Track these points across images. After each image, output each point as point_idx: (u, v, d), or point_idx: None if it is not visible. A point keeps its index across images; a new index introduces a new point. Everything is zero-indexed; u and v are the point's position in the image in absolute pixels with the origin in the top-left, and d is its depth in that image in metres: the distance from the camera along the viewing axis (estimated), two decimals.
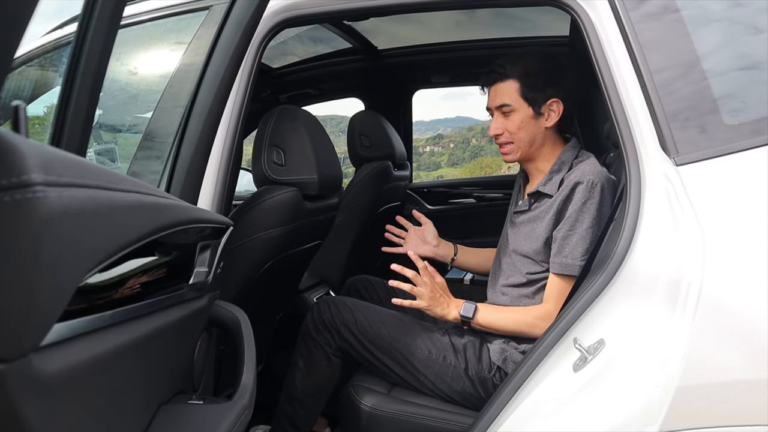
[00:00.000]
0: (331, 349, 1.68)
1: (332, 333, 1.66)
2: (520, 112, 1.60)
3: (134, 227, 0.60)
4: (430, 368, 1.59)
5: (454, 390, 1.58)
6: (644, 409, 1.02)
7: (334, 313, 1.66)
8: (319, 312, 1.68)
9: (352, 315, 1.65)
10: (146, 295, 0.76)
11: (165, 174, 1.19)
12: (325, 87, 3.22)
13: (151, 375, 0.82)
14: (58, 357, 0.49)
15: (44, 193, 0.38)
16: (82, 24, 0.73)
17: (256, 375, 1.09)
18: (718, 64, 1.20)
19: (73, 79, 0.73)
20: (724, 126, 1.14)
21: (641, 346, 1.07)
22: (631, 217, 1.18)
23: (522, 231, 1.64)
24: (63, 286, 0.44)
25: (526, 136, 1.61)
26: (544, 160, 1.65)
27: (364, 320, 1.65)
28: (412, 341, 1.61)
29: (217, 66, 1.16)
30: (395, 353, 1.61)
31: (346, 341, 1.65)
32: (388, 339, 1.62)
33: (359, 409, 1.58)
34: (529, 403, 1.20)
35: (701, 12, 1.24)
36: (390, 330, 1.63)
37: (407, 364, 1.60)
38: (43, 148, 0.41)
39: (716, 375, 0.99)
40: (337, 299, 1.72)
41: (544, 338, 1.23)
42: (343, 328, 1.65)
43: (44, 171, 0.38)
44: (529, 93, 1.59)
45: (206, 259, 1.02)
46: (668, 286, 1.06)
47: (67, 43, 1.75)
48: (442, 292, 1.59)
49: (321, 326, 1.67)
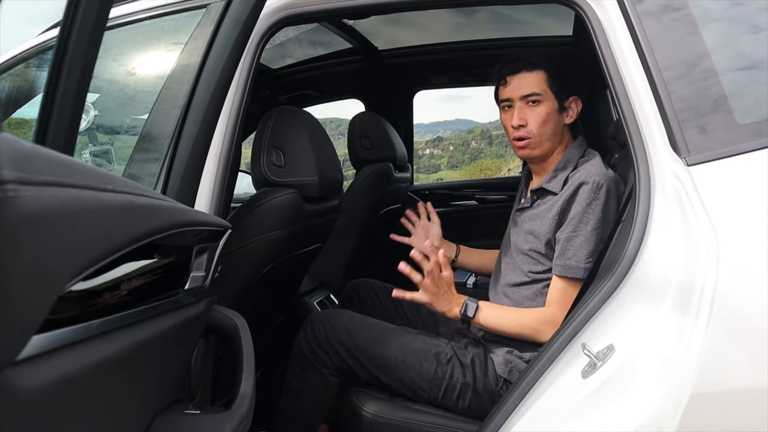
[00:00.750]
0: (328, 370, 1.60)
1: (328, 353, 1.59)
2: (546, 104, 1.58)
3: (125, 230, 0.57)
4: (437, 387, 1.54)
5: (462, 406, 1.54)
6: (656, 416, 0.98)
7: (329, 332, 1.58)
8: (313, 331, 1.60)
9: (349, 333, 1.58)
10: (139, 302, 0.73)
11: (162, 175, 1.16)
12: (325, 88, 3.20)
13: (145, 385, 0.79)
14: (39, 371, 0.45)
15: (16, 193, 0.34)
16: (66, 20, 0.69)
17: (255, 383, 1.06)
18: (729, 61, 1.17)
19: (57, 76, 0.70)
20: (736, 125, 1.11)
21: (652, 351, 1.03)
22: (640, 218, 1.15)
23: (523, 228, 1.61)
24: (42, 295, 0.41)
25: (548, 129, 1.58)
26: (554, 156, 1.63)
27: (361, 339, 1.57)
28: (416, 360, 1.54)
29: (214, 63, 1.13)
30: (399, 373, 1.55)
31: (343, 361, 1.58)
32: (390, 359, 1.55)
33: (361, 415, 1.56)
34: (536, 411, 1.16)
35: (711, 8, 1.22)
36: (391, 349, 1.55)
37: (412, 384, 1.55)
38: (19, 143, 0.37)
39: (732, 382, 0.96)
40: (331, 316, 1.63)
41: (552, 343, 1.20)
42: (340, 347, 1.57)
43: (18, 168, 0.35)
44: (556, 85, 1.58)
45: (203, 263, 0.98)
46: (680, 289, 1.03)
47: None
48: (447, 287, 1.53)
49: (315, 346, 1.59)
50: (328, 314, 1.64)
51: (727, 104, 1.12)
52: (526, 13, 2.55)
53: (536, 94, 1.57)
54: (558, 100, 1.58)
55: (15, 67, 1.86)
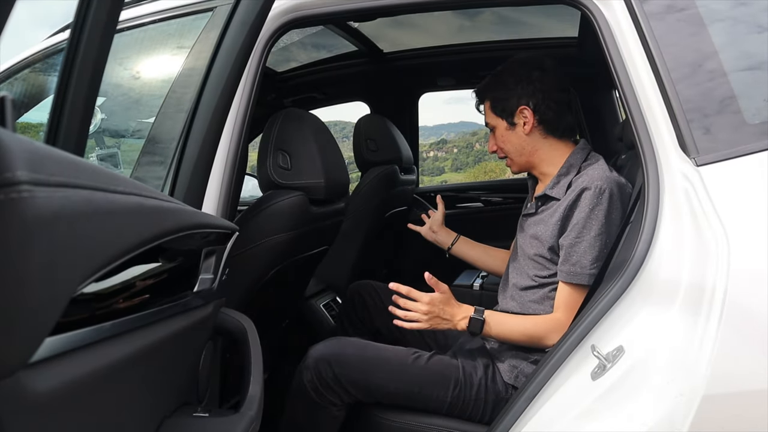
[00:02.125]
0: (336, 408, 1.56)
1: (338, 393, 1.54)
2: (499, 128, 1.67)
3: (135, 232, 0.56)
4: (453, 412, 1.53)
5: (476, 421, 1.53)
6: (668, 418, 0.98)
7: (339, 373, 1.52)
8: (320, 373, 1.52)
9: (363, 374, 1.53)
10: (149, 304, 0.72)
11: (168, 179, 1.16)
12: (330, 91, 3.20)
13: (154, 388, 0.78)
14: (52, 374, 0.45)
15: (31, 193, 0.34)
16: (77, 20, 0.69)
17: (263, 385, 1.05)
18: (737, 60, 1.16)
19: (68, 79, 0.69)
20: (745, 125, 1.10)
21: (663, 353, 1.03)
22: (649, 219, 1.14)
23: (529, 233, 1.61)
24: (55, 297, 0.41)
25: (511, 147, 1.66)
26: (546, 164, 1.63)
27: (377, 380, 1.53)
28: (431, 390, 1.52)
29: (222, 66, 1.13)
30: (416, 403, 1.54)
31: (356, 398, 1.55)
32: (408, 393, 1.53)
33: (370, 418, 1.55)
34: (545, 413, 1.16)
35: (720, 7, 1.21)
36: (408, 384, 1.53)
37: (428, 408, 1.55)
38: (32, 144, 0.37)
39: (744, 383, 0.95)
40: (337, 356, 1.54)
41: (560, 345, 1.19)
42: (353, 388, 1.53)
43: (32, 169, 0.35)
44: (498, 108, 1.65)
45: (211, 265, 0.98)
46: (690, 291, 1.02)
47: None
48: (443, 305, 1.50)
49: (323, 388, 1.53)
50: (331, 353, 1.56)
51: (736, 104, 1.11)
52: (529, 15, 2.55)
53: (488, 124, 1.70)
54: (505, 119, 1.64)
55: (21, 72, 1.86)
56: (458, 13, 2.52)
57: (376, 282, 2.02)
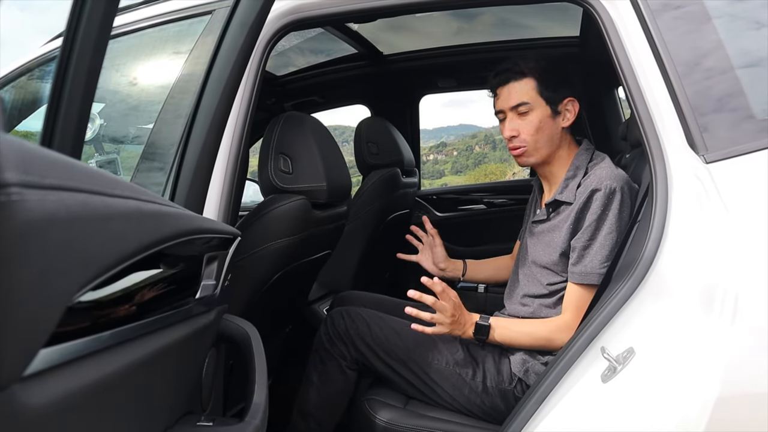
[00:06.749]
0: (346, 362, 1.65)
1: (347, 345, 1.63)
2: (538, 112, 1.54)
3: (134, 237, 0.54)
4: (448, 380, 1.54)
5: (473, 403, 1.52)
6: (682, 421, 0.95)
7: (349, 325, 1.63)
8: (333, 323, 1.66)
9: (368, 326, 1.62)
10: (150, 312, 0.70)
11: (169, 184, 1.14)
12: (330, 94, 3.18)
13: (156, 398, 0.76)
14: (47, 387, 0.43)
15: (21, 196, 0.32)
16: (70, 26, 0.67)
17: (268, 393, 1.03)
18: (745, 56, 1.14)
19: (62, 84, 0.67)
20: (755, 121, 1.08)
21: (675, 354, 1.00)
22: (658, 218, 1.12)
23: (541, 241, 1.58)
24: (49, 306, 0.38)
25: (545, 137, 1.56)
26: (560, 163, 1.60)
27: (379, 331, 1.61)
28: (429, 352, 1.57)
29: (222, 68, 1.11)
30: (412, 364, 1.57)
31: (361, 353, 1.62)
32: (404, 350, 1.58)
33: (374, 423, 1.53)
34: (555, 416, 1.13)
35: (723, 2, 1.19)
36: (406, 341, 1.59)
37: (424, 375, 1.56)
38: (24, 145, 0.35)
39: (760, 384, 0.93)
40: (351, 310, 1.68)
41: (570, 347, 1.17)
42: (358, 339, 1.62)
43: (22, 170, 0.32)
44: (547, 91, 1.54)
45: (213, 271, 0.96)
46: (702, 290, 1.00)
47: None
48: (461, 310, 1.51)
49: (335, 338, 1.65)
50: (348, 310, 1.69)
51: (745, 99, 1.10)
52: (528, 17, 2.54)
53: (525, 104, 1.54)
54: (550, 105, 1.55)
55: (18, 79, 1.85)
56: (456, 15, 2.51)
57: (362, 292, 2.01)
